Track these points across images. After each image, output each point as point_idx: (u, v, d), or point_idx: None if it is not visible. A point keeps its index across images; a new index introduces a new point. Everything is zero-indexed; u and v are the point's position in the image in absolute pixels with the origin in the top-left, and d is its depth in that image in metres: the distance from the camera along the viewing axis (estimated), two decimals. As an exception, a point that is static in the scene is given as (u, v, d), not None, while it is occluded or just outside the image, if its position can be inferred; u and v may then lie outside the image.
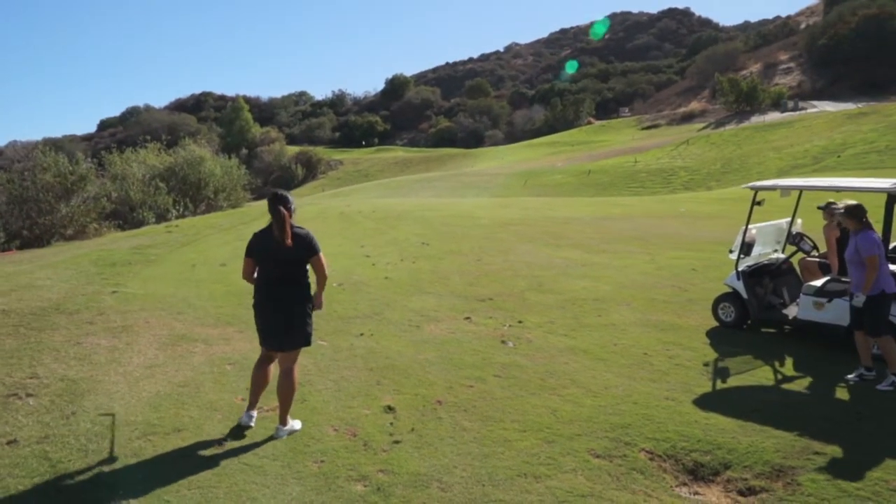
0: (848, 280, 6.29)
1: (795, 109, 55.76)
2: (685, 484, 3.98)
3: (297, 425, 4.58)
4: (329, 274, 4.77)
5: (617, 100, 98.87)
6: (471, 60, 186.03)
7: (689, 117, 68.45)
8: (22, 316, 7.19)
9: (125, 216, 21.07)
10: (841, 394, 5.32)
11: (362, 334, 7.00)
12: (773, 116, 53.44)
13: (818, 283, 6.52)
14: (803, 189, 7.00)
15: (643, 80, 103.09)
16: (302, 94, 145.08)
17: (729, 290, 7.32)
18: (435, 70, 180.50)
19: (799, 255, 7.62)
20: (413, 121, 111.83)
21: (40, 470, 3.92)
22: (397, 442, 4.41)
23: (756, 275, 7.18)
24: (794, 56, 76.66)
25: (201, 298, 8.47)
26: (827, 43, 68.37)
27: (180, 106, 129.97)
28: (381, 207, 21.29)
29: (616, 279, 9.82)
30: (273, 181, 72.59)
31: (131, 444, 4.23)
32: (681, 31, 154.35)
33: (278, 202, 4.42)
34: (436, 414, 4.87)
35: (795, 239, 7.37)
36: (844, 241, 6.56)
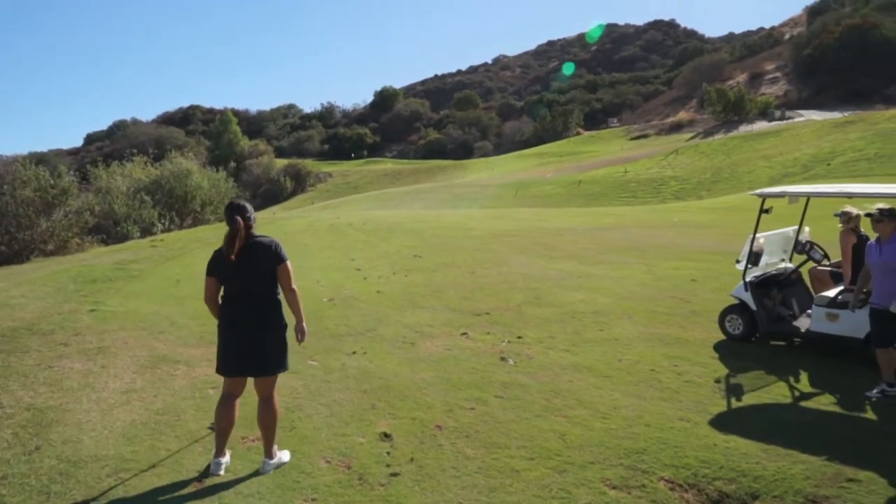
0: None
1: (782, 119, 56.17)
2: (710, 516, 3.65)
3: (286, 457, 4.20)
4: (304, 287, 4.35)
5: (605, 110, 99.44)
6: (459, 73, 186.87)
7: (678, 127, 68.79)
8: (-8, 337, 6.78)
9: (109, 230, 20.55)
10: (863, 411, 5.02)
11: (355, 352, 6.64)
12: (761, 126, 53.74)
13: (831, 294, 6.25)
14: (813, 196, 6.74)
15: (631, 91, 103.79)
16: (291, 107, 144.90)
17: (736, 302, 7.02)
18: (423, 82, 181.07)
19: (808, 265, 7.35)
20: (402, 133, 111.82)
21: (-3, 514, 3.54)
22: (395, 474, 4.04)
23: (764, 285, 6.90)
24: (780, 66, 77.40)
25: (185, 316, 8.07)
26: (812, 53, 69.08)
27: (168, 119, 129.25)
28: (372, 219, 20.95)
29: (615, 291, 9.53)
30: (262, 194, 72.22)
31: (100, 484, 3.83)
32: (667, 43, 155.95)
33: (235, 212, 4.02)
34: (436, 441, 4.51)
35: (806, 248, 7.11)
36: (860, 249, 6.30)
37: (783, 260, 7.40)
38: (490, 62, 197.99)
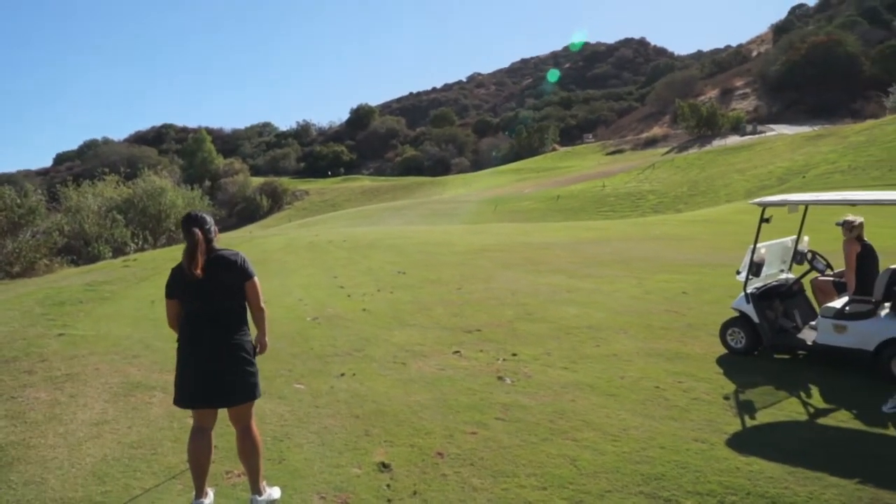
0: (870, 299, 5.86)
1: (754, 133, 57.23)
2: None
3: (276, 493, 3.81)
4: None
5: (580, 126, 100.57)
6: (434, 90, 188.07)
7: (652, 142, 69.72)
8: (-51, 366, 6.27)
9: (79, 251, 19.84)
10: (884, 427, 4.79)
11: (343, 374, 6.27)
12: (734, 140, 54.64)
13: (837, 305, 6.06)
14: (814, 203, 6.57)
15: (605, 108, 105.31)
16: (266, 125, 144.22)
17: (737, 315, 6.81)
18: (399, 100, 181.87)
19: (810, 276, 7.18)
20: (379, 150, 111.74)
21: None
22: (398, 510, 3.69)
23: (766, 297, 6.70)
24: (749, 82, 79.14)
25: (160, 339, 7.62)
26: (779, 69, 70.76)
27: (140, 138, 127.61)
28: (352, 236, 20.58)
29: (607, 305, 9.30)
30: (238, 213, 71.31)
31: (67, 532, 3.43)
32: (637, 60, 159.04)
33: (192, 223, 3.63)
34: (438, 470, 4.17)
35: (807, 257, 6.93)
36: (865, 258, 6.14)
37: (782, 270, 7.23)
38: (465, 80, 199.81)
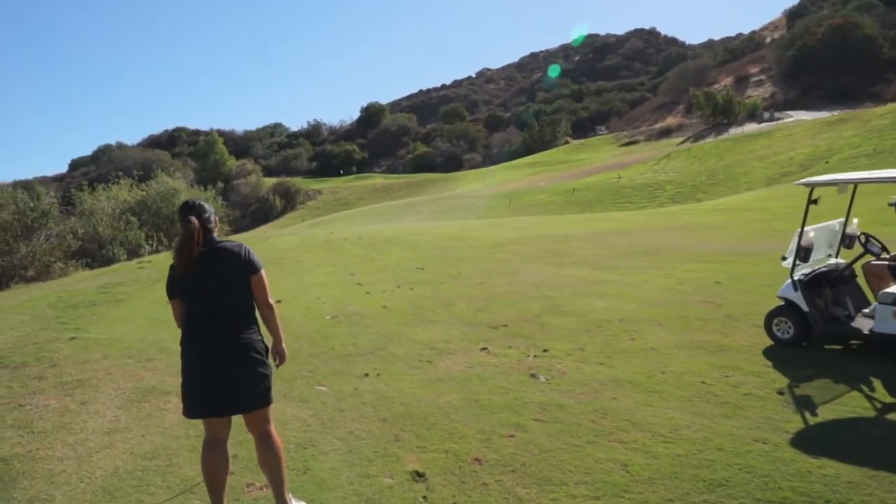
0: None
1: (772, 120, 56.18)
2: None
3: (302, 508, 3.48)
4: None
5: (592, 119, 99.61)
6: (444, 87, 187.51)
7: (667, 132, 68.77)
8: (-43, 373, 6.01)
9: (94, 254, 19.70)
10: (959, 422, 4.37)
11: (367, 375, 5.93)
12: (751, 127, 53.67)
13: (897, 290, 5.61)
14: (866, 182, 6.11)
15: (617, 99, 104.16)
16: (277, 126, 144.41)
17: (783, 303, 6.38)
18: (409, 97, 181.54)
19: (862, 260, 6.72)
20: (390, 147, 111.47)
21: None
22: (437, 525, 3.34)
23: (815, 284, 6.26)
24: (765, 69, 77.79)
25: (176, 341, 7.20)
26: (796, 54, 69.43)
27: (154, 142, 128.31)
28: (367, 234, 20.28)
29: (638, 296, 8.89)
30: (251, 213, 71.43)
31: (74, 556, 3.11)
32: (648, 51, 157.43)
33: (189, 211, 3.29)
34: (478, 479, 3.81)
35: (860, 240, 6.48)
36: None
37: (829, 255, 6.78)
38: (474, 76, 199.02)
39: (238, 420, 3.45)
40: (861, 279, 6.68)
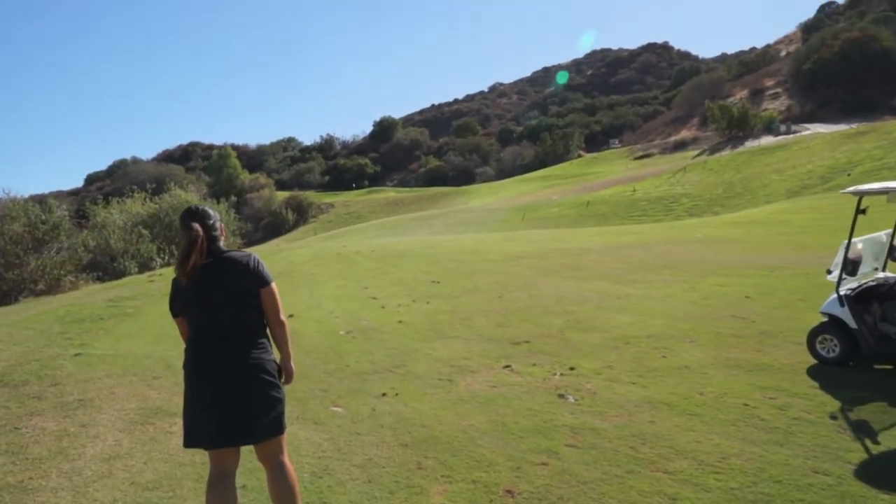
0: None
1: (788, 133, 55.59)
2: None
3: (317, 548, 3.13)
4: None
5: (605, 132, 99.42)
6: (456, 101, 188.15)
7: (682, 145, 68.32)
8: (-46, 392, 5.72)
9: (105, 267, 19.53)
10: None
11: (385, 394, 5.59)
12: (767, 140, 53.13)
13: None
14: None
15: (630, 112, 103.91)
16: (290, 140, 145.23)
17: (826, 320, 5.97)
18: (421, 112, 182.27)
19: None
20: (403, 161, 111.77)
21: None
22: (468, 570, 2.97)
23: (862, 299, 5.86)
24: (780, 82, 77.28)
25: (182, 357, 7.02)
26: (812, 67, 68.93)
27: (168, 157, 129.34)
28: (380, 247, 20.00)
29: (664, 311, 8.50)
30: (264, 227, 71.60)
31: None
32: (661, 65, 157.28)
33: (192, 218, 2.97)
34: (511, 514, 3.45)
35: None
36: None
37: (876, 269, 6.37)
38: (486, 90, 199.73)
39: (247, 446, 3.12)
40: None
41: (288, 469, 3.05)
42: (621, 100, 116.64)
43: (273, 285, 3.07)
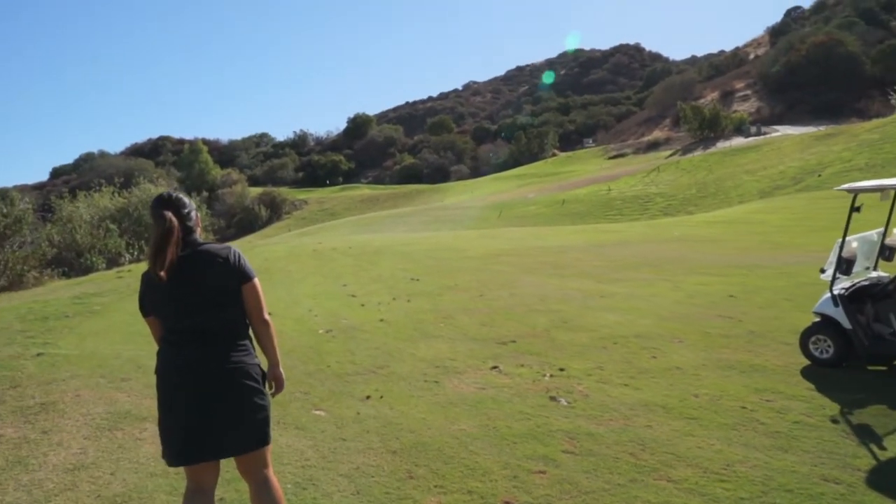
0: None
1: (759, 134, 56.53)
2: None
3: (305, 570, 2.86)
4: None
5: (579, 132, 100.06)
6: (430, 99, 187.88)
7: (655, 145, 69.06)
8: None
9: (71, 263, 18.81)
10: None
11: (369, 397, 5.32)
12: (738, 141, 53.96)
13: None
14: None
15: (603, 112, 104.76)
16: (263, 136, 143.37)
17: (819, 320, 5.88)
18: (395, 109, 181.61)
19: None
20: (377, 159, 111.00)
21: None
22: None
23: (855, 299, 5.78)
24: (750, 84, 78.60)
25: (154, 357, 6.66)
26: (780, 70, 70.22)
27: (137, 151, 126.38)
28: (357, 244, 19.64)
29: (650, 310, 8.39)
30: (236, 223, 70.36)
31: None
32: (633, 66, 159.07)
33: (164, 205, 2.67)
34: (512, 529, 3.22)
35: (905, 252, 6.01)
36: None
37: (867, 268, 6.30)
38: (461, 88, 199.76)
39: (225, 462, 2.84)
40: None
41: (273, 485, 2.78)
42: (595, 99, 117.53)
43: (256, 281, 2.80)
